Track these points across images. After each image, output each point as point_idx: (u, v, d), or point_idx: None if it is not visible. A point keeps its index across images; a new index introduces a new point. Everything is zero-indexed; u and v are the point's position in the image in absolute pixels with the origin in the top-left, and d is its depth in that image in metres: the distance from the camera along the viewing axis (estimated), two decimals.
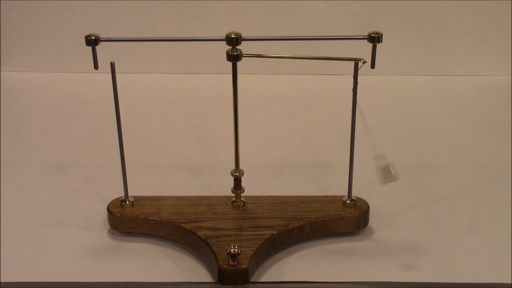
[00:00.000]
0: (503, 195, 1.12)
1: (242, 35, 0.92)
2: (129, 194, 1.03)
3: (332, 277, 0.95)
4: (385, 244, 1.01)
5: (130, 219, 1.01)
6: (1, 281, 0.93)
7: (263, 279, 0.94)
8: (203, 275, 0.95)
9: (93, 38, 0.92)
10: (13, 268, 0.96)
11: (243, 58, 0.93)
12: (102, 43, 0.93)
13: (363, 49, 0.98)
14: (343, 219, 1.01)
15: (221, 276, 0.92)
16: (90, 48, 0.93)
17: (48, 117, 1.40)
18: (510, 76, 1.56)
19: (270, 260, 0.97)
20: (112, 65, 0.95)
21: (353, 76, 0.95)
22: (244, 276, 0.92)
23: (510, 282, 0.94)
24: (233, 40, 0.92)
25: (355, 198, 1.03)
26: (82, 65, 1.55)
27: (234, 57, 0.93)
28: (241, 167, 1.01)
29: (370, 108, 1.41)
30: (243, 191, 1.02)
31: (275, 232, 0.97)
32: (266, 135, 1.33)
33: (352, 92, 0.96)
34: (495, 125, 1.37)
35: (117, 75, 0.96)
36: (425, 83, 1.54)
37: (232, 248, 0.91)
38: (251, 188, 1.05)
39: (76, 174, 1.19)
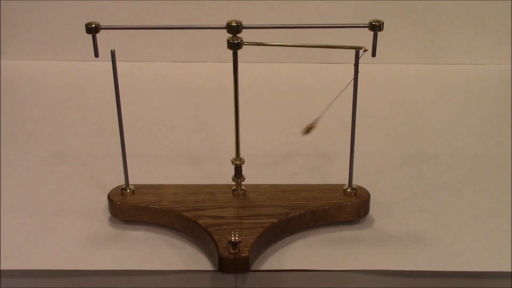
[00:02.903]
0: (503, 185, 1.12)
1: (242, 23, 0.92)
2: (130, 182, 1.03)
3: (333, 266, 0.95)
4: (386, 233, 1.01)
5: (131, 208, 1.01)
6: (2, 269, 0.94)
7: (263, 267, 0.94)
8: (203, 263, 0.95)
9: (94, 26, 0.92)
10: (14, 256, 0.96)
11: (244, 46, 0.93)
12: (102, 31, 0.92)
13: (364, 38, 0.98)
14: (343, 207, 1.01)
15: (222, 264, 0.92)
16: (90, 36, 0.93)
17: (48, 106, 1.40)
18: (510, 65, 1.55)
19: (270, 248, 0.98)
20: (113, 53, 0.95)
21: (354, 65, 0.95)
22: (244, 264, 0.92)
23: (510, 270, 0.94)
24: (234, 28, 0.91)
25: (355, 187, 1.03)
26: (82, 53, 1.55)
27: (234, 45, 0.92)
28: (241, 155, 1.01)
29: (371, 97, 1.42)
30: (244, 180, 1.02)
31: (275, 220, 0.97)
32: (267, 124, 1.33)
33: (352, 81, 0.96)
34: (495, 114, 1.37)
35: (118, 63, 0.96)
36: (425, 71, 1.54)
37: (232, 237, 0.91)
38: (252, 176, 1.05)
39: (76, 163, 1.18)
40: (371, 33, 0.93)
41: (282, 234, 0.99)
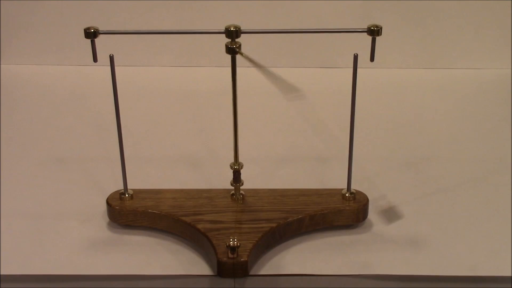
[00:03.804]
0: (503, 188, 1.12)
1: (241, 28, 0.92)
2: (128, 187, 1.03)
3: (331, 270, 0.95)
4: (384, 237, 1.01)
5: (130, 212, 1.01)
6: (1, 273, 0.94)
7: (262, 272, 0.94)
8: (202, 268, 0.95)
9: (92, 30, 0.92)
10: (13, 260, 0.96)
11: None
12: (101, 36, 0.93)
13: (363, 42, 0.98)
14: (342, 212, 1.01)
15: (221, 269, 0.92)
16: (89, 41, 0.93)
17: (47, 110, 1.40)
18: (510, 69, 1.55)
19: (269, 253, 0.98)
20: (111, 58, 0.95)
21: (353, 70, 0.95)
22: (243, 268, 0.92)
23: (510, 275, 0.94)
24: (232, 33, 0.92)
25: (354, 191, 1.03)
26: (81, 58, 1.55)
27: (233, 50, 0.92)
28: (240, 160, 1.01)
29: (369, 101, 1.42)
30: (243, 184, 1.02)
31: (274, 225, 0.97)
32: (266, 128, 1.33)
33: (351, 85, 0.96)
34: (495, 118, 1.37)
35: (116, 68, 0.96)
36: (425, 76, 1.54)
37: (231, 241, 0.91)
38: (251, 181, 1.05)
39: (75, 167, 1.18)
40: (370, 37, 0.93)
41: (281, 238, 0.99)
